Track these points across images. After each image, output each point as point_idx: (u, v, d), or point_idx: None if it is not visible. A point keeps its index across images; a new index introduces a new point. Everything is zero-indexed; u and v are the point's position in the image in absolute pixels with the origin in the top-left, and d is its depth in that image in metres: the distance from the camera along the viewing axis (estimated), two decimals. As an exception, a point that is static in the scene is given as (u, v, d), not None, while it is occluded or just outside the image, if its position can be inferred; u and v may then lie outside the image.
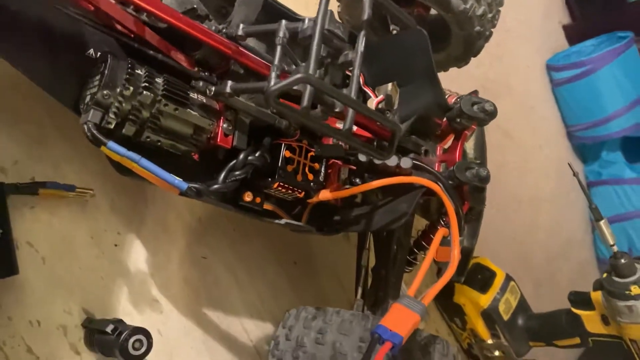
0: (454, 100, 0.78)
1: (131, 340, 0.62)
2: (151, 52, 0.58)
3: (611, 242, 0.87)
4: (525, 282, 1.22)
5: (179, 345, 0.74)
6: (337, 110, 0.57)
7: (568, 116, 1.86)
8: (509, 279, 1.09)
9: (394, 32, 0.87)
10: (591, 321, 0.97)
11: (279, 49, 0.56)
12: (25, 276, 0.62)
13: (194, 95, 0.59)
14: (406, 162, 0.71)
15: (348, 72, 0.65)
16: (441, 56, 0.92)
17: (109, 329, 0.62)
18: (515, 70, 1.71)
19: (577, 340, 1.01)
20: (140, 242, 0.73)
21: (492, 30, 0.88)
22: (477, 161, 0.80)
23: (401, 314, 0.60)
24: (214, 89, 0.60)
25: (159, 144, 0.57)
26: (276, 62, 0.54)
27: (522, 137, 1.64)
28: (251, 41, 0.64)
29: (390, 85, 0.74)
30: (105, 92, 0.53)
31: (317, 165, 0.70)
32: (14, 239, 0.61)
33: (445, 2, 0.79)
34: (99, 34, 0.57)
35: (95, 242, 0.69)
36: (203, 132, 0.60)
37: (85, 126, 0.53)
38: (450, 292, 1.09)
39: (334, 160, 0.72)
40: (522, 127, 1.66)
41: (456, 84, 0.85)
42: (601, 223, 0.88)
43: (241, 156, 0.64)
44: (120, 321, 0.65)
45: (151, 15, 0.56)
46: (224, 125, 0.62)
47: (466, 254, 0.83)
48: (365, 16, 0.58)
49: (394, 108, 0.74)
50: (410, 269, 0.86)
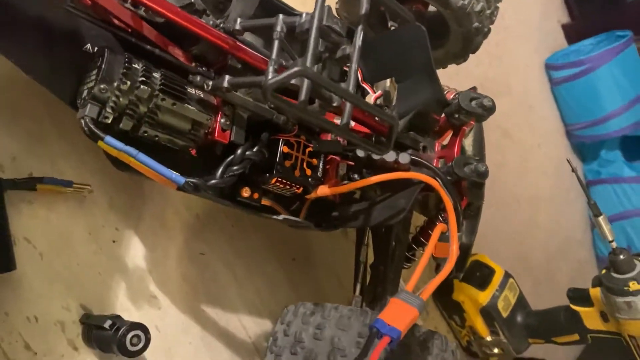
0: (452, 96, 0.78)
1: (129, 336, 0.62)
2: (148, 47, 0.58)
3: (610, 238, 0.87)
4: (525, 280, 1.21)
5: (177, 341, 0.74)
6: (334, 104, 0.57)
7: (567, 115, 1.86)
8: (507, 276, 1.09)
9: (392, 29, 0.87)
10: (590, 318, 0.97)
11: (276, 43, 0.55)
12: (22, 272, 0.62)
13: (191, 90, 0.59)
14: (404, 158, 0.71)
15: (346, 68, 0.65)
16: (440, 53, 0.92)
17: (107, 324, 0.62)
18: (514, 69, 1.70)
19: (576, 337, 1.01)
20: (138, 238, 0.73)
21: (490, 26, 0.88)
22: (476, 158, 0.80)
23: (399, 308, 0.60)
24: (211, 83, 0.60)
25: (156, 138, 0.57)
26: (274, 57, 0.54)
27: (521, 136, 1.64)
28: (249, 37, 0.64)
29: (388, 81, 0.74)
30: (102, 86, 0.53)
31: (315, 161, 0.70)
32: (11, 234, 0.61)
33: (444, -2, 0.79)
34: (96, 29, 0.56)
35: (93, 238, 0.69)
36: (201, 127, 0.59)
37: (83, 121, 0.53)
38: (449, 290, 1.09)
39: (332, 156, 0.72)
40: (521, 126, 1.66)
41: (455, 83, 0.85)
42: (600, 219, 0.88)
43: (239, 151, 0.63)
44: (118, 317, 0.65)
45: (149, 10, 0.56)
46: (222, 120, 0.62)
47: (465, 250, 0.83)
48: (363, 10, 0.58)
49: (392, 104, 0.74)
50: (408, 265, 0.86)
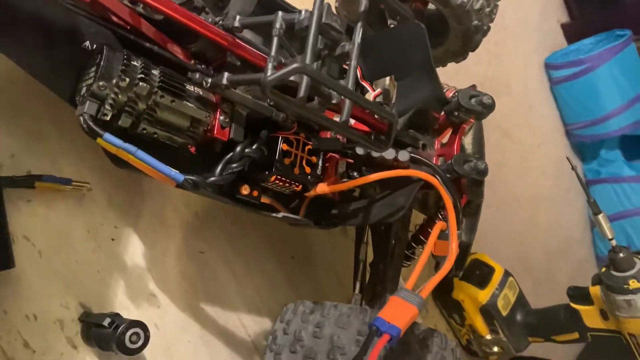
0: (451, 94, 0.78)
1: (128, 334, 0.61)
2: (147, 44, 0.58)
3: (609, 236, 0.87)
4: (525, 280, 1.21)
5: (176, 340, 0.74)
6: (334, 101, 0.57)
7: (567, 114, 1.86)
8: (507, 274, 1.09)
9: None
10: (590, 316, 0.97)
11: (275, 40, 0.55)
12: (21, 270, 0.62)
13: (190, 88, 0.59)
14: (404, 155, 0.71)
15: (345, 65, 0.65)
16: (439, 51, 0.92)
17: (106, 322, 0.62)
18: (513, 68, 1.71)
19: (575, 336, 1.01)
20: (137, 236, 0.73)
21: (490, 24, 0.88)
22: (476, 156, 0.80)
23: (399, 306, 0.59)
24: (210, 81, 0.60)
25: (155, 136, 0.57)
26: (273, 53, 0.54)
27: (520, 136, 1.64)
28: (248, 34, 0.64)
29: (387, 79, 0.74)
30: (101, 83, 0.53)
31: (314, 159, 0.69)
32: (10, 232, 0.61)
33: (443, -5, 0.79)
34: (95, 26, 0.56)
35: (92, 235, 0.69)
36: (200, 125, 0.59)
37: (81, 118, 0.52)
38: (449, 288, 1.09)
39: (331, 153, 0.72)
40: (521, 126, 1.66)
41: (455, 82, 0.85)
42: (599, 217, 0.88)
43: (238, 149, 0.63)
44: (117, 315, 0.64)
45: (148, 7, 0.56)
46: (221, 118, 0.62)
47: (464, 248, 0.83)
48: (362, 8, 0.58)
49: (392, 102, 0.74)
50: (408, 263, 0.85)
